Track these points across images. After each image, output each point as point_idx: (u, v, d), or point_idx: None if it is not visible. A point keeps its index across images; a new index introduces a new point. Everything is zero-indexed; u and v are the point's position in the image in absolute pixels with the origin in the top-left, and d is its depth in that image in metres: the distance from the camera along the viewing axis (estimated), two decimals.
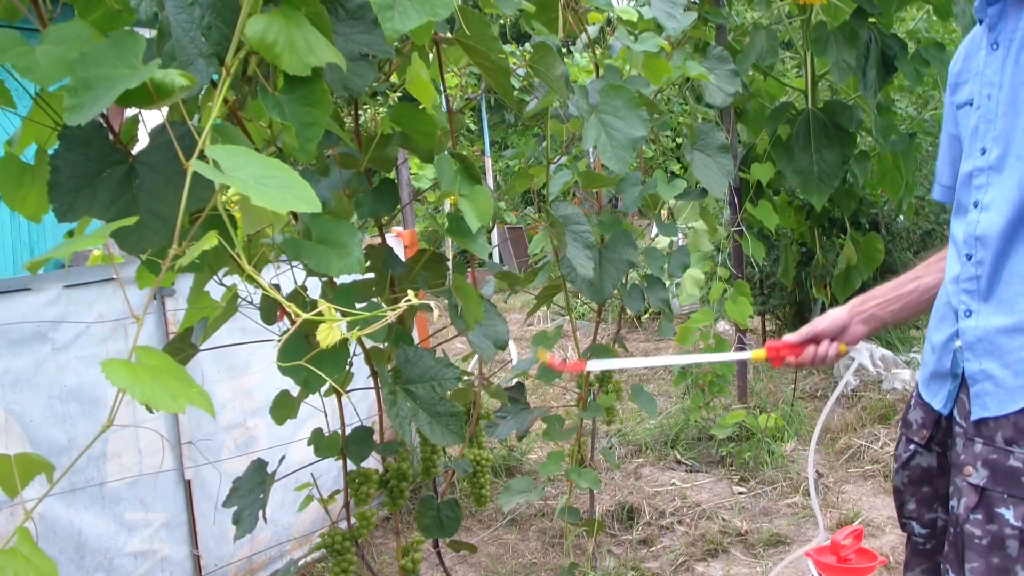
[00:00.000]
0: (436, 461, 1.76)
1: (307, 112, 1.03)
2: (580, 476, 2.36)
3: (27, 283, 2.24)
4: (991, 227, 1.28)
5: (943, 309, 1.41)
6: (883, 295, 1.58)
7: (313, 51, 0.99)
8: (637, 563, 2.97)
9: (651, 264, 2.55)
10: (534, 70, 1.66)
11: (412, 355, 1.45)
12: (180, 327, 1.56)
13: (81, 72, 0.83)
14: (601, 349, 2.45)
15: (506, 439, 3.79)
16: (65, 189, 0.95)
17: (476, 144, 8.87)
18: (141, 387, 0.73)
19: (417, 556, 1.70)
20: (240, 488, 1.57)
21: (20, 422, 2.17)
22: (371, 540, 3.19)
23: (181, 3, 0.96)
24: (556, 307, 2.44)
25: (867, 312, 1.57)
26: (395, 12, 1.01)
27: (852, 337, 1.58)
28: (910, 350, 4.80)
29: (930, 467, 1.45)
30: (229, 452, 2.71)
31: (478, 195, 1.42)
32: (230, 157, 0.82)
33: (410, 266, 1.60)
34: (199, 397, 0.78)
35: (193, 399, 0.77)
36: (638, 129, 1.79)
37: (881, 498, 3.35)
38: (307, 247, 1.14)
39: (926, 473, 1.47)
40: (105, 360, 0.74)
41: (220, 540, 2.69)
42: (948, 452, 1.40)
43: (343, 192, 1.45)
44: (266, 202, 0.77)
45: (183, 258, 0.83)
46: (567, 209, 1.92)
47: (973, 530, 1.26)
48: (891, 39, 3.21)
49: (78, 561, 2.31)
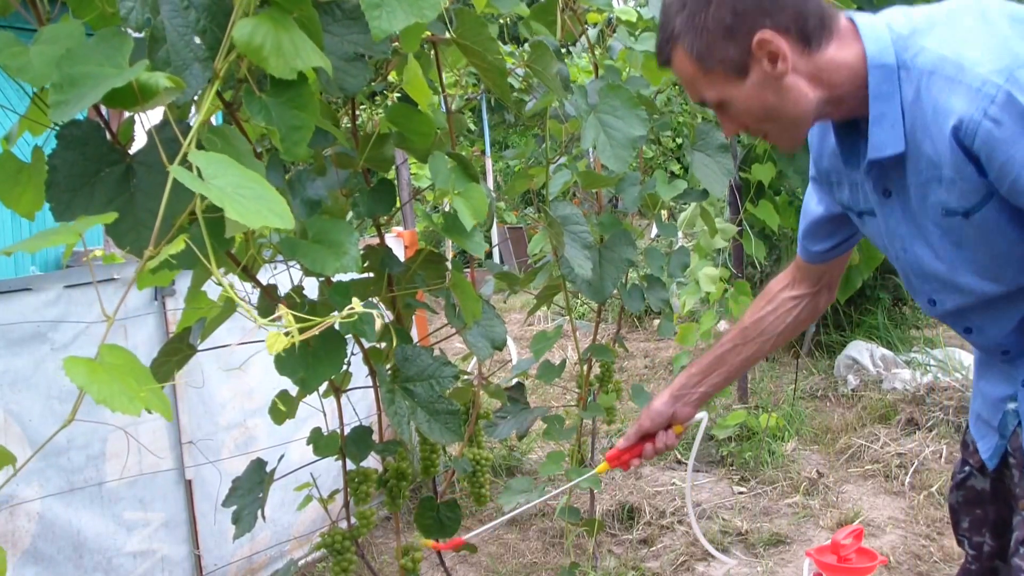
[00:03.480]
0: (435, 460, 1.76)
1: (294, 115, 1.03)
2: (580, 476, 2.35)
3: (27, 283, 2.25)
4: (1000, 337, 1.27)
5: (989, 359, 1.37)
6: (702, 371, 1.58)
7: (300, 54, 0.99)
8: (637, 563, 2.97)
9: (651, 264, 2.55)
10: (532, 70, 1.66)
11: (410, 353, 1.45)
12: (177, 327, 1.56)
13: (67, 68, 0.83)
14: (601, 349, 2.45)
15: (506, 439, 3.79)
16: (62, 188, 0.95)
17: (476, 144, 8.87)
18: (99, 386, 0.73)
19: (417, 556, 1.70)
20: (239, 488, 1.57)
21: (19, 422, 2.18)
22: (371, 540, 3.19)
23: (176, 6, 0.97)
24: (556, 307, 2.44)
25: (690, 396, 1.57)
26: (383, 11, 1.01)
27: (682, 419, 1.58)
28: (910, 350, 4.79)
29: (983, 491, 1.43)
30: (229, 452, 2.71)
31: (473, 193, 1.42)
32: (211, 164, 0.82)
33: (407, 265, 1.61)
34: (154, 400, 0.77)
35: (150, 402, 0.76)
36: (637, 128, 1.79)
37: (881, 498, 3.35)
38: (303, 246, 1.14)
39: (979, 496, 1.44)
40: (67, 357, 0.74)
41: (220, 540, 2.69)
42: (1004, 478, 1.37)
43: (340, 192, 1.45)
44: (239, 214, 0.78)
45: (154, 260, 0.83)
46: (566, 209, 1.92)
47: (1021, 563, 1.24)
48: None
49: (76, 560, 2.31)
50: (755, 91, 1.17)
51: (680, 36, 1.18)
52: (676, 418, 1.57)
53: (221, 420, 2.71)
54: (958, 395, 3.95)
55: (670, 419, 1.57)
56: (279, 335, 0.81)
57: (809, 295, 1.55)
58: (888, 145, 1.16)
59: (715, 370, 1.57)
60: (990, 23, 1.09)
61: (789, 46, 1.13)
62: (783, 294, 1.56)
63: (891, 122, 1.14)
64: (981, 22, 1.10)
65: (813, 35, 1.14)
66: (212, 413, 2.68)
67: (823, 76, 1.16)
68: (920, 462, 3.53)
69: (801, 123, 1.20)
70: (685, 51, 1.18)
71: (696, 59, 1.17)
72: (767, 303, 1.57)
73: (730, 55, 1.15)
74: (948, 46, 1.09)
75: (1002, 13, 1.10)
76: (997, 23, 1.08)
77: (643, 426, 1.57)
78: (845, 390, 4.45)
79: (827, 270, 1.52)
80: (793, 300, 1.55)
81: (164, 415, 0.79)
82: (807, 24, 1.14)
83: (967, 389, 3.99)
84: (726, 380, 1.59)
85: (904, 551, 2.92)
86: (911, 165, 1.17)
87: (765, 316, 1.56)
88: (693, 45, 1.16)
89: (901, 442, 3.73)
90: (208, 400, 2.66)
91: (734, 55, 1.15)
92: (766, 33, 1.12)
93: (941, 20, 1.13)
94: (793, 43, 1.14)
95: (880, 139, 1.16)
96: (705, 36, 1.15)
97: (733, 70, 1.16)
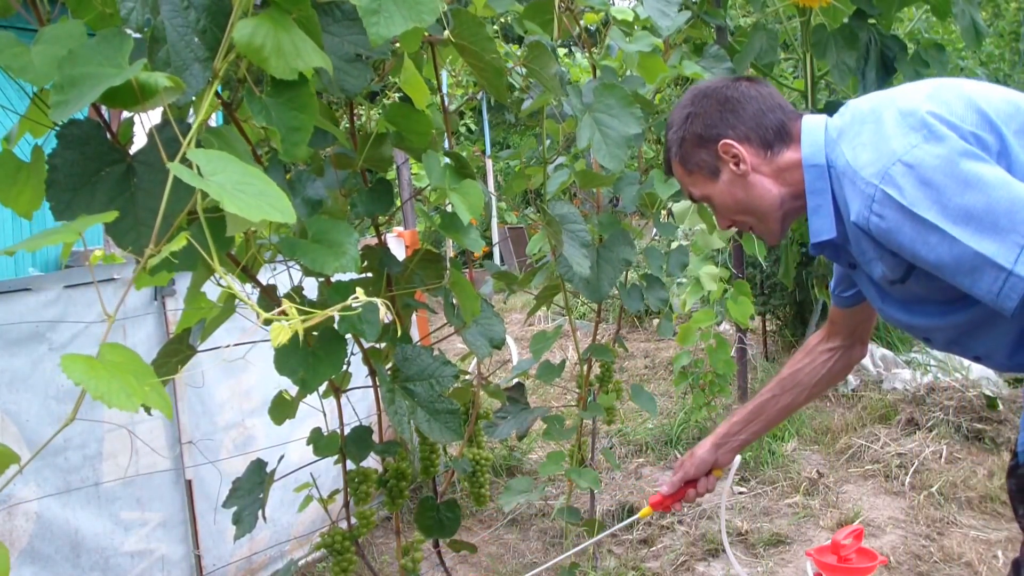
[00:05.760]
0: (435, 460, 1.76)
1: (294, 116, 1.04)
2: (580, 476, 2.35)
3: (27, 283, 2.25)
4: (1005, 358, 1.36)
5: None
6: (744, 420, 1.75)
7: (300, 55, 0.99)
8: (637, 563, 2.97)
9: (650, 264, 2.55)
10: (528, 69, 1.67)
11: (410, 353, 1.45)
12: (177, 328, 1.56)
13: (68, 69, 0.83)
14: (601, 349, 2.45)
15: (506, 439, 3.79)
16: (63, 188, 0.95)
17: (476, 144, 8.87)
18: (96, 383, 0.73)
19: (417, 556, 1.70)
20: (240, 488, 1.57)
21: (16, 422, 2.18)
22: (371, 540, 3.19)
23: (176, 6, 0.97)
24: (556, 307, 2.44)
25: (731, 443, 1.74)
26: (380, 17, 1.01)
27: (723, 464, 1.75)
28: (910, 350, 4.79)
29: None
30: (228, 452, 2.71)
31: (469, 189, 1.43)
32: (210, 161, 0.82)
33: (406, 265, 1.61)
34: (155, 396, 0.77)
35: (149, 398, 0.76)
36: (632, 127, 1.79)
37: (881, 498, 3.36)
38: (303, 246, 1.14)
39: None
40: (65, 355, 0.73)
41: (219, 540, 2.69)
42: None
43: (339, 192, 1.45)
44: (240, 209, 0.77)
45: (155, 258, 0.83)
46: (564, 208, 1.92)
47: None
48: (891, 40, 3.20)
49: (74, 560, 2.31)
50: (727, 188, 1.43)
51: (671, 147, 1.48)
52: (717, 464, 1.74)
53: (219, 420, 2.71)
54: (958, 395, 3.95)
55: (711, 465, 1.73)
56: (283, 327, 0.81)
57: (843, 348, 1.71)
58: (823, 232, 1.36)
59: (755, 419, 1.74)
60: (880, 125, 1.24)
61: (750, 151, 1.39)
62: (819, 347, 1.73)
63: (824, 212, 1.35)
64: (875, 125, 1.25)
65: (772, 142, 1.40)
66: (210, 413, 2.68)
67: (785, 175, 1.39)
68: (920, 462, 3.53)
69: (770, 214, 1.42)
70: (675, 158, 1.48)
71: (681, 163, 1.47)
72: (804, 356, 1.74)
73: (704, 159, 1.43)
74: (852, 152, 1.27)
75: (893, 109, 1.24)
76: (885, 123, 1.23)
77: (688, 473, 1.73)
78: (845, 390, 4.45)
79: (859, 322, 1.67)
80: (828, 352, 1.72)
81: (165, 412, 0.79)
82: (766, 134, 1.39)
83: (967, 389, 3.99)
84: (764, 428, 1.76)
85: (904, 551, 2.92)
86: (854, 247, 1.36)
87: (802, 368, 1.73)
88: (678, 153, 1.47)
89: (901, 442, 3.74)
90: (207, 400, 2.66)
91: (707, 159, 1.43)
92: (728, 141, 1.40)
93: (856, 124, 1.30)
94: (754, 149, 1.40)
95: (817, 227, 1.37)
96: (685, 145, 1.45)
97: (709, 172, 1.44)
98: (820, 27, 3.18)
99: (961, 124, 1.19)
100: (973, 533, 2.98)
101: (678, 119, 1.47)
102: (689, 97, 1.47)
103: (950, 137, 1.17)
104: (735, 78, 1.46)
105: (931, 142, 1.17)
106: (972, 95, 1.24)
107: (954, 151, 1.16)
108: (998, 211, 1.12)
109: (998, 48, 6.55)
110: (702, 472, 1.73)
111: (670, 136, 1.48)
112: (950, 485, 3.32)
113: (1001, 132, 1.20)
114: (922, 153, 1.17)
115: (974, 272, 1.15)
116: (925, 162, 1.16)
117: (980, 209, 1.13)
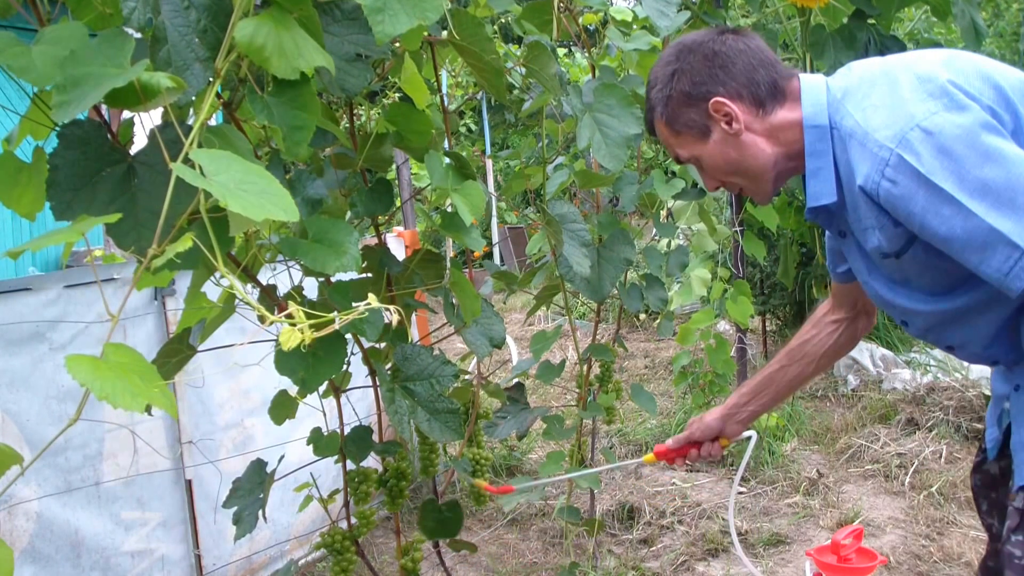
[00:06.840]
0: (435, 460, 1.76)
1: (295, 115, 1.04)
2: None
3: (27, 283, 2.25)
4: (981, 349, 1.35)
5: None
6: (752, 391, 1.72)
7: (302, 54, 0.99)
8: (637, 563, 2.97)
9: (650, 263, 2.55)
10: (528, 69, 1.67)
11: (410, 353, 1.46)
12: (177, 328, 1.56)
13: (70, 70, 0.83)
14: (601, 348, 2.45)
15: (506, 439, 3.79)
16: (64, 188, 0.95)
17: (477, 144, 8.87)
18: (102, 383, 0.73)
19: (417, 555, 1.70)
20: (240, 488, 1.57)
21: (16, 421, 2.18)
22: (371, 540, 3.19)
23: (177, 6, 0.97)
24: (556, 307, 2.44)
25: (740, 415, 1.72)
26: (385, 15, 1.01)
27: (731, 434, 1.73)
28: (910, 350, 4.79)
29: (995, 475, 1.50)
30: (227, 452, 2.71)
31: (471, 190, 1.43)
32: (213, 161, 0.82)
33: (406, 265, 1.61)
34: (160, 397, 0.77)
35: (154, 398, 0.76)
36: (632, 127, 1.79)
37: (881, 498, 3.36)
38: (303, 246, 1.14)
39: (992, 480, 1.52)
40: (69, 355, 0.74)
41: (219, 539, 2.69)
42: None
43: (339, 191, 1.45)
44: (243, 208, 0.78)
45: (159, 258, 0.83)
46: (564, 208, 1.92)
47: (1013, 550, 1.29)
48: (890, 40, 3.20)
49: (74, 560, 2.31)
50: (718, 148, 1.36)
51: (655, 107, 1.39)
52: (725, 433, 1.72)
53: (219, 420, 2.71)
54: (958, 395, 3.95)
55: (719, 433, 1.71)
56: (292, 331, 0.81)
57: (847, 319, 1.68)
58: (823, 196, 1.31)
59: (763, 390, 1.71)
60: (896, 87, 1.20)
61: (743, 109, 1.33)
62: (825, 319, 1.70)
63: (825, 176, 1.30)
64: (889, 88, 1.21)
65: (765, 100, 1.33)
66: (210, 413, 2.68)
67: (779, 135, 1.34)
68: (920, 462, 3.53)
69: (763, 175, 1.37)
70: (659, 118, 1.39)
71: (667, 123, 1.39)
72: (812, 327, 1.71)
73: (693, 118, 1.36)
74: (861, 113, 1.23)
75: (909, 74, 1.21)
76: (902, 87, 1.19)
77: (694, 435, 1.72)
78: (845, 390, 4.45)
79: (859, 294, 1.63)
80: (833, 324, 1.69)
81: (170, 412, 0.80)
82: (758, 90, 1.33)
83: (967, 389, 3.99)
84: (773, 400, 1.73)
85: (904, 551, 2.92)
86: (851, 214, 1.32)
87: (809, 339, 1.69)
88: (664, 112, 1.38)
89: (901, 442, 3.74)
90: (206, 400, 2.67)
91: (696, 118, 1.35)
92: (720, 98, 1.32)
93: (866, 85, 1.25)
94: (746, 107, 1.33)
95: (815, 190, 1.32)
96: (672, 104, 1.37)
97: (698, 131, 1.36)
98: (819, 27, 3.18)
99: (980, 97, 1.16)
100: (973, 533, 2.98)
101: (662, 76, 1.37)
102: (673, 52, 1.38)
103: (972, 107, 1.14)
104: (720, 30, 1.38)
105: (952, 111, 1.13)
106: (988, 70, 1.21)
107: (976, 122, 1.12)
108: (1017, 188, 1.09)
109: (998, 48, 6.56)
110: (707, 437, 1.71)
111: (653, 95, 1.39)
112: (950, 485, 3.32)
113: (1017, 110, 1.18)
114: (942, 120, 1.13)
115: (985, 248, 1.11)
116: (945, 130, 1.12)
117: (999, 184, 1.10)
